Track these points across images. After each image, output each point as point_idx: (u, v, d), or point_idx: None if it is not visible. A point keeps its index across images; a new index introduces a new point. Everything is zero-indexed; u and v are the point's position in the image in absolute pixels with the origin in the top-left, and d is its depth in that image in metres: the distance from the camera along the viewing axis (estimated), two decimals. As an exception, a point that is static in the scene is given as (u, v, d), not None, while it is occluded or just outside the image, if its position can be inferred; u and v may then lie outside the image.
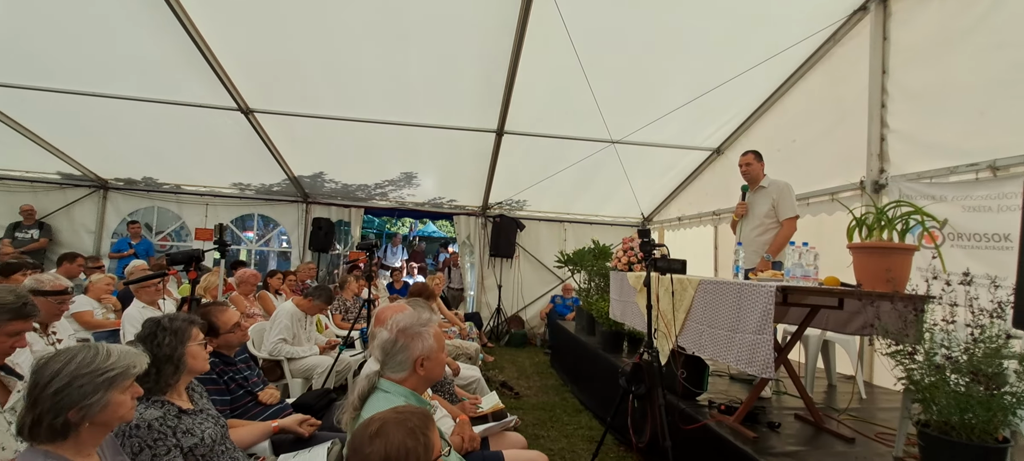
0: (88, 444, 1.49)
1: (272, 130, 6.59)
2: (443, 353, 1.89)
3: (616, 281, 4.62)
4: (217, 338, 2.55)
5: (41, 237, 7.65)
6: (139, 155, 7.51)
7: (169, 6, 4.23)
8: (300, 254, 8.75)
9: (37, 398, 1.40)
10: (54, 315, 2.97)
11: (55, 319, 3.03)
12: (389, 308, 2.39)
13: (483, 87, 5.52)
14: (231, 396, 2.57)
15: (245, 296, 5.16)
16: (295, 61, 5.24)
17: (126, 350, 1.60)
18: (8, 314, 1.89)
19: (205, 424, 2.06)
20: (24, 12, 4.59)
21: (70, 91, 5.65)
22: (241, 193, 8.53)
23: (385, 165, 7.78)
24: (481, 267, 9.13)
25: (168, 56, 4.95)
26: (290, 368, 4.15)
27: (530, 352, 8.16)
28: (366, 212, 9.14)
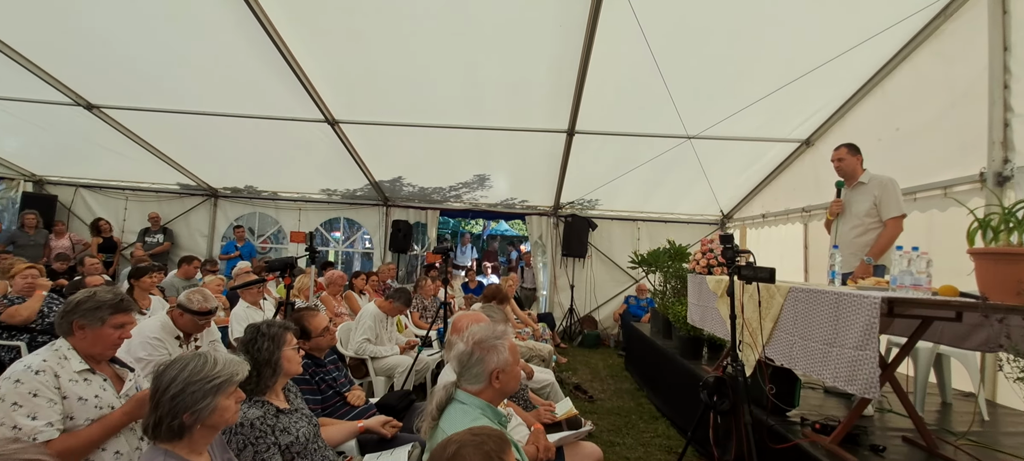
0: (200, 444, 1.63)
1: (355, 139, 6.91)
2: (518, 366, 1.87)
3: (694, 284, 4.41)
4: (309, 341, 2.70)
5: (165, 241, 8.56)
6: (242, 166, 8.18)
7: (264, 29, 4.52)
8: (381, 255, 9.14)
9: (158, 402, 1.55)
10: (198, 329, 3.14)
11: (198, 332, 3.19)
12: (465, 316, 2.41)
13: (553, 88, 5.46)
14: (322, 396, 2.72)
15: (333, 296, 5.45)
16: (375, 74, 5.44)
17: (230, 358, 1.72)
18: (109, 309, 2.08)
19: (300, 423, 2.18)
20: (146, 44, 5.11)
21: (185, 111, 6.26)
22: (329, 198, 9.05)
23: (459, 168, 7.93)
24: (553, 267, 9.08)
25: (266, 76, 5.31)
26: (374, 367, 4.34)
27: (603, 353, 8.01)
28: (441, 213, 9.38)
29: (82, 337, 2.04)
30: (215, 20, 4.53)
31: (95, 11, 4.58)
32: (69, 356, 2.01)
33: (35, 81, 5.58)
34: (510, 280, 6.92)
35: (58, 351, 2.01)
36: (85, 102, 6.09)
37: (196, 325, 3.09)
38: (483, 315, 2.53)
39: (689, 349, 4.77)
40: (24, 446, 1.02)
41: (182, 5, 4.45)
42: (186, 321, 3.03)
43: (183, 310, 3.00)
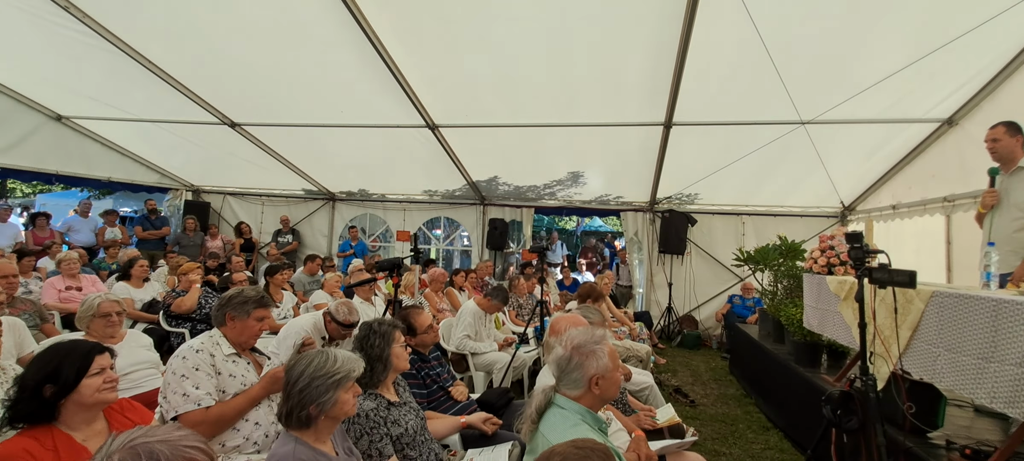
0: (324, 433, 1.77)
1: (454, 141, 7.15)
2: (619, 372, 1.81)
3: (812, 285, 4.00)
4: (415, 338, 2.83)
5: (293, 240, 9.50)
6: (355, 171, 8.82)
7: (373, 45, 4.80)
8: (479, 252, 9.39)
9: (289, 393, 1.70)
10: (341, 337, 3.50)
11: (341, 340, 3.52)
12: (563, 319, 2.39)
13: (648, 80, 5.23)
14: (428, 390, 2.84)
15: (435, 293, 5.70)
16: (470, 78, 5.58)
17: (348, 356, 1.85)
18: (253, 304, 2.43)
19: (409, 416, 2.29)
20: (275, 67, 5.67)
21: (308, 124, 6.88)
22: (430, 199, 9.48)
23: (553, 166, 7.90)
24: (650, 264, 8.75)
25: (375, 89, 5.66)
26: (474, 362, 4.46)
27: (705, 355, 7.57)
28: (536, 211, 9.43)
29: (232, 327, 2.39)
30: (332, 42, 4.89)
31: (235, 42, 5.16)
32: (220, 342, 2.36)
33: (192, 106, 6.43)
34: (606, 278, 6.77)
35: (212, 337, 2.37)
36: (229, 121, 6.92)
37: (340, 333, 3.46)
38: (581, 318, 2.48)
39: (805, 355, 4.34)
40: (186, 434, 1.15)
41: (305, 31, 4.86)
42: (333, 328, 3.40)
43: (332, 318, 3.35)
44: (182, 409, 2.10)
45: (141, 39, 5.26)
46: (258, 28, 4.91)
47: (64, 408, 1.73)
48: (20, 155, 7.14)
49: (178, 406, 2.10)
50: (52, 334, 4.01)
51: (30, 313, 3.98)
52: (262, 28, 4.91)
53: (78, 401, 1.75)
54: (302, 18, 4.64)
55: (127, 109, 6.95)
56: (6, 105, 6.82)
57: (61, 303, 4.92)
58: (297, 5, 4.48)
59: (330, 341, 3.45)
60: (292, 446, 1.64)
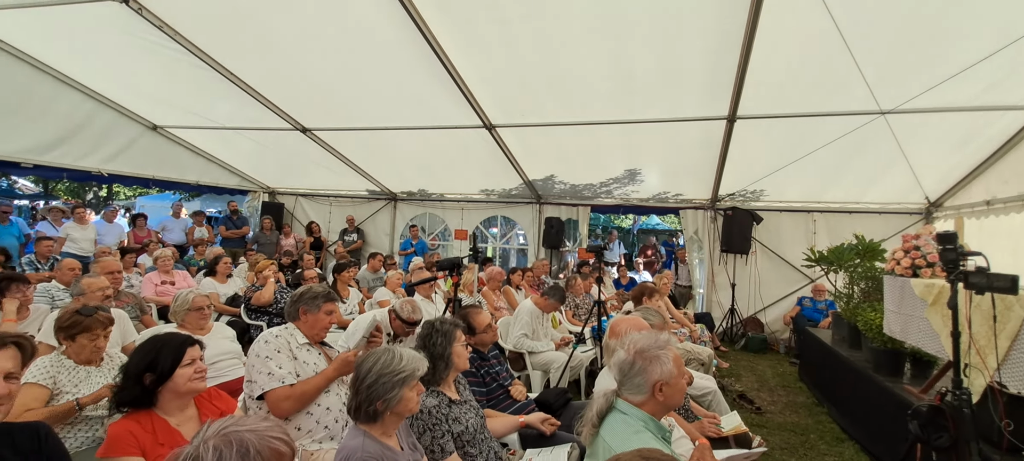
0: (390, 428, 1.82)
1: (510, 141, 7.18)
2: (684, 379, 1.74)
3: (893, 288, 3.69)
4: (474, 336, 2.87)
5: (358, 239, 9.91)
6: (415, 171, 9.06)
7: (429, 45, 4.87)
8: (535, 251, 9.39)
9: (358, 389, 1.77)
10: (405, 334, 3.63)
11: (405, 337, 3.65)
12: (624, 321, 2.34)
13: (711, 73, 5.02)
14: (487, 388, 2.87)
15: (493, 291, 5.75)
16: (527, 77, 5.57)
17: (413, 355, 1.90)
18: (323, 298, 2.59)
19: (469, 414, 2.32)
20: (341, 75, 5.92)
21: (371, 127, 7.13)
22: (487, 198, 9.58)
23: (609, 164, 7.76)
24: (711, 263, 8.41)
25: (434, 91, 5.78)
26: (531, 361, 4.47)
27: (772, 360, 7.18)
28: (592, 210, 9.30)
29: (304, 320, 2.55)
30: (394, 47, 5.04)
31: (306, 52, 5.43)
32: (295, 334, 2.52)
33: (268, 113, 6.84)
34: (664, 277, 6.57)
35: (288, 329, 2.54)
36: (301, 126, 7.30)
37: (404, 330, 3.59)
38: (642, 320, 2.42)
39: (886, 364, 4.02)
40: (271, 425, 1.23)
41: (369, 37, 5.03)
42: (398, 325, 3.54)
43: (397, 316, 3.49)
44: (268, 386, 2.26)
45: (225, 53, 5.65)
46: (326, 37, 5.14)
47: (161, 395, 1.89)
48: (123, 162, 7.86)
49: (264, 384, 2.26)
50: (150, 325, 4.40)
51: (132, 306, 4.38)
52: (330, 37, 5.13)
53: (173, 389, 1.90)
54: (366, 24, 4.81)
55: (213, 118, 7.50)
56: (111, 118, 7.53)
57: (157, 296, 5.38)
58: (362, 12, 4.63)
59: (394, 338, 3.57)
60: (361, 439, 1.71)
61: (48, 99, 6.73)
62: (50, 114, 6.80)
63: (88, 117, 7.24)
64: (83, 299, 3.47)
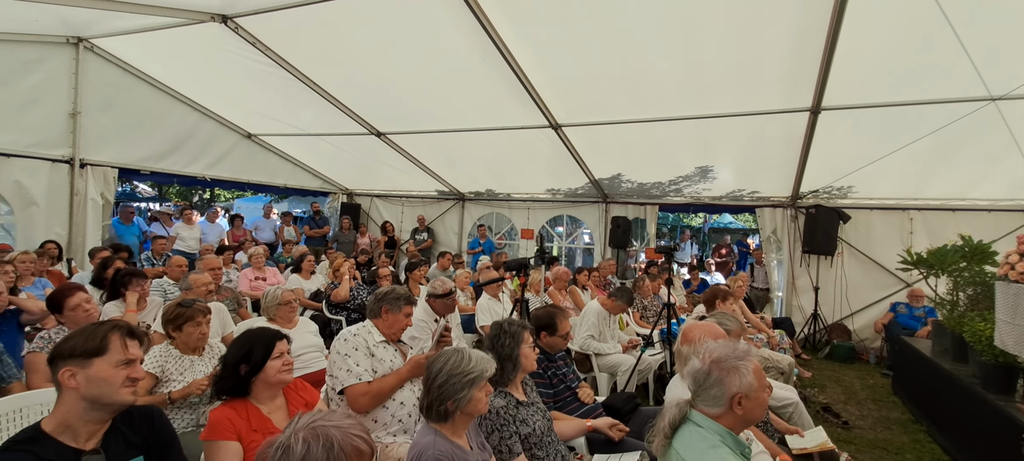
0: (460, 427, 1.86)
1: (576, 140, 7.11)
2: (765, 393, 1.63)
3: (1007, 296, 3.26)
4: (551, 337, 2.87)
5: (428, 238, 10.23)
6: (483, 172, 9.21)
7: (496, 46, 4.91)
8: (601, 251, 9.24)
9: (429, 388, 1.82)
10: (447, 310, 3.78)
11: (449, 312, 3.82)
12: (697, 327, 2.24)
13: (792, 62, 4.69)
14: (554, 390, 2.86)
15: (559, 291, 5.72)
16: (593, 76, 5.49)
17: (482, 356, 1.93)
18: (404, 301, 2.70)
19: (536, 416, 2.32)
20: (413, 81, 6.13)
21: (441, 130, 7.34)
22: (553, 197, 9.54)
23: (679, 161, 7.48)
24: (791, 265, 7.87)
25: (501, 93, 5.85)
26: (597, 363, 4.40)
27: (860, 370, 6.59)
28: (660, 209, 9.01)
29: (385, 319, 2.66)
30: (463, 50, 5.14)
31: (381, 59, 5.68)
32: (372, 331, 2.64)
33: (346, 119, 7.24)
34: (739, 279, 6.23)
35: (366, 327, 2.66)
36: (376, 131, 7.65)
37: (445, 306, 3.70)
38: (717, 327, 2.30)
39: (997, 380, 3.57)
40: (354, 423, 1.30)
41: (439, 42, 5.17)
42: (438, 305, 3.66)
43: (433, 297, 3.64)
44: (347, 382, 2.40)
45: (309, 64, 6.04)
46: (401, 45, 5.35)
47: (254, 385, 2.04)
48: (223, 167, 8.61)
49: (344, 380, 2.41)
50: (246, 317, 4.79)
51: (230, 299, 4.79)
52: (404, 45, 5.33)
53: (264, 380, 2.05)
54: (437, 30, 4.94)
55: (298, 125, 8.04)
56: (213, 128, 8.30)
57: (252, 291, 5.84)
58: (433, 18, 4.76)
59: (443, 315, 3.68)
60: (432, 437, 1.76)
61: (162, 113, 7.55)
62: (163, 126, 7.61)
63: (194, 128, 8.02)
64: (190, 293, 3.84)
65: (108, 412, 1.63)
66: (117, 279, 3.94)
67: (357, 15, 4.83)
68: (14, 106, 6.07)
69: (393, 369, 2.52)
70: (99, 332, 1.64)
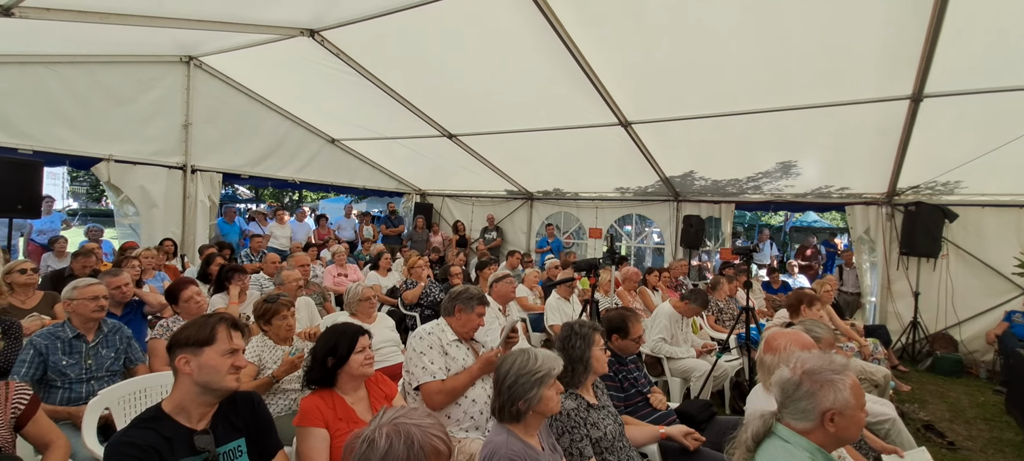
0: (532, 428, 1.86)
1: (646, 137, 6.89)
2: (862, 412, 1.48)
3: None
4: (622, 341, 2.81)
5: (497, 237, 10.36)
6: (551, 171, 9.18)
7: (564, 44, 4.85)
8: (672, 251, 8.90)
9: (500, 390, 1.84)
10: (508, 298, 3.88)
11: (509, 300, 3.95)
12: (782, 335, 2.08)
13: (889, 46, 4.26)
14: (625, 394, 2.78)
15: (628, 292, 5.57)
16: (665, 71, 5.30)
17: (548, 354, 1.92)
18: (477, 301, 2.73)
19: (607, 420, 2.27)
20: (484, 83, 6.22)
21: (510, 130, 7.40)
22: (621, 196, 9.32)
23: (758, 157, 7.04)
24: (886, 268, 7.15)
25: (569, 91, 5.79)
26: (669, 367, 4.23)
27: (968, 385, 5.85)
28: (737, 207, 8.52)
29: (458, 318, 2.71)
30: (532, 50, 5.14)
31: (453, 63, 5.83)
32: (446, 330, 2.70)
33: (420, 122, 7.49)
34: (827, 283, 5.75)
35: (439, 325, 2.73)
36: (447, 133, 7.85)
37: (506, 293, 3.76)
38: (804, 334, 2.14)
39: None
40: (433, 422, 1.34)
41: (508, 43, 5.20)
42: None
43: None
44: (422, 380, 2.48)
45: (385, 70, 6.32)
46: (471, 49, 5.45)
47: (340, 376, 2.16)
48: (310, 171, 9.22)
49: (419, 377, 2.49)
50: (330, 311, 5.09)
51: (317, 294, 5.11)
52: (474, 48, 5.43)
53: (348, 372, 2.16)
54: (506, 31, 4.97)
55: (375, 129, 8.43)
56: (302, 134, 8.91)
57: (335, 286, 6.20)
58: (502, 20, 4.79)
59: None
60: (505, 437, 1.77)
61: (258, 122, 8.23)
62: (259, 134, 8.28)
63: (285, 135, 8.66)
64: (281, 288, 4.14)
65: (216, 396, 1.78)
66: (222, 274, 4.33)
67: (432, 23, 4.97)
68: (138, 120, 6.85)
69: (465, 367, 2.57)
70: (208, 324, 1.80)
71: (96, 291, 2.84)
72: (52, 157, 6.18)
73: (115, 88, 6.60)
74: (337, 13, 5.16)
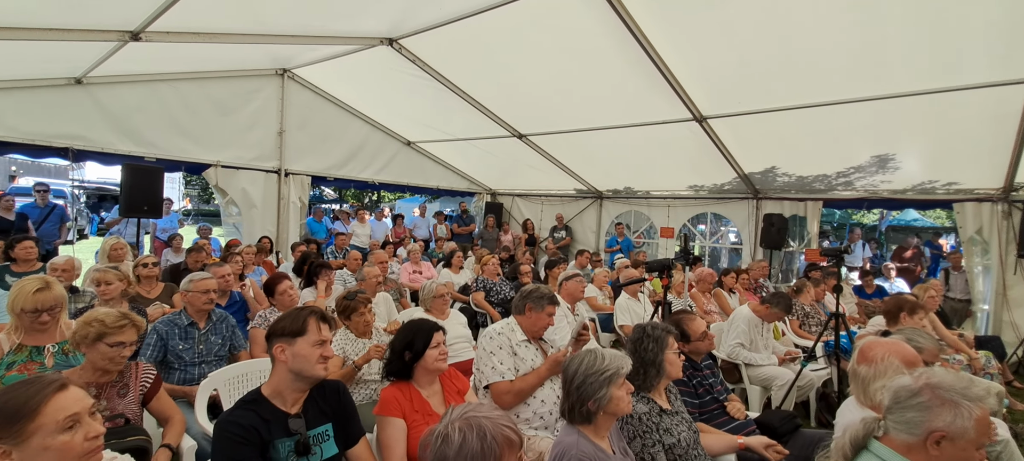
0: (602, 429, 1.82)
1: (723, 132, 6.54)
2: (979, 452, 1.30)
3: None
4: (687, 345, 2.68)
5: (566, 236, 10.30)
6: (621, 169, 8.97)
7: (636, 39, 4.70)
8: (751, 251, 8.37)
9: (568, 390, 1.82)
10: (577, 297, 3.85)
11: (577, 299, 3.92)
12: (880, 345, 1.89)
13: (1007, 24, 3.73)
14: (699, 401, 2.65)
15: (703, 293, 5.32)
16: (745, 62, 4.99)
17: (614, 353, 1.88)
18: (548, 301, 2.70)
19: (681, 426, 2.18)
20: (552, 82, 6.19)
21: (579, 129, 7.32)
22: (696, 194, 8.91)
23: (850, 150, 6.44)
24: (1002, 272, 6.29)
25: (639, 85, 5.62)
26: (748, 374, 3.98)
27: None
28: (824, 204, 7.85)
29: (528, 317, 2.71)
30: (600, 47, 5.05)
31: (524, 64, 5.86)
32: (515, 330, 2.70)
33: (491, 123, 7.61)
34: (930, 288, 5.15)
35: (509, 325, 2.73)
36: (518, 133, 7.91)
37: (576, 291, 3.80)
38: (905, 345, 1.92)
39: None
40: (503, 415, 1.36)
41: (576, 41, 5.14)
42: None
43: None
44: (492, 380, 2.50)
45: (460, 75, 6.50)
46: (542, 49, 5.44)
47: (416, 370, 2.24)
48: (388, 172, 9.66)
49: (488, 376, 2.52)
50: (406, 307, 5.30)
51: (393, 290, 5.34)
52: (545, 48, 5.42)
53: (424, 366, 2.23)
54: (576, 29, 4.91)
55: (448, 131, 8.67)
56: (380, 138, 9.36)
57: (410, 283, 6.46)
58: (572, 18, 4.73)
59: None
60: (576, 438, 1.75)
61: (342, 127, 8.76)
62: (343, 139, 8.81)
63: (365, 139, 9.14)
64: (363, 284, 4.37)
65: (307, 384, 1.91)
66: (310, 269, 4.64)
67: (503, 25, 5.02)
68: (240, 129, 7.55)
69: (534, 368, 2.57)
70: (301, 316, 1.94)
71: (208, 285, 3.15)
72: (171, 164, 6.98)
73: (222, 100, 7.33)
74: (414, 21, 5.36)
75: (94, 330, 2.14)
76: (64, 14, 4.13)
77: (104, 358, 2.15)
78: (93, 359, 2.16)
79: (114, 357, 2.17)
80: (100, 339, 2.14)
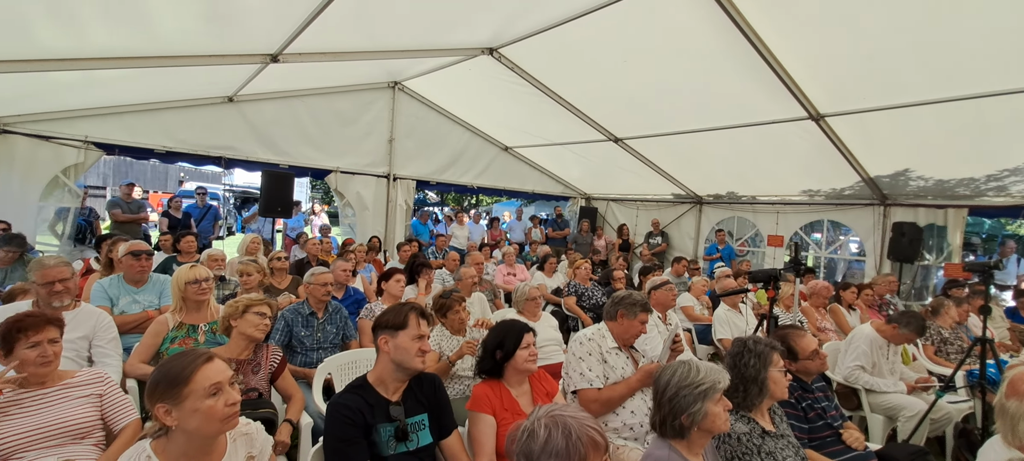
0: (697, 446, 1.72)
1: (843, 132, 5.86)
2: None
3: None
4: (795, 363, 2.44)
5: (662, 242, 9.88)
6: (724, 173, 8.40)
7: (742, 33, 4.37)
8: (876, 264, 7.38)
9: (660, 402, 1.74)
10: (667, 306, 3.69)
11: (668, 307, 3.79)
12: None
13: None
14: (809, 425, 2.40)
15: (816, 308, 4.80)
16: (870, 53, 4.42)
17: (711, 367, 1.76)
18: (640, 308, 2.63)
19: (786, 451, 2.00)
20: (653, 84, 5.98)
21: (678, 132, 7.00)
22: (810, 199, 8.07)
23: (1004, 150, 5.44)
24: None
25: (746, 85, 5.23)
26: (869, 401, 3.51)
27: None
28: (970, 212, 6.69)
29: (619, 323, 2.65)
30: (703, 45, 4.78)
31: (621, 67, 5.72)
32: (606, 336, 2.65)
33: (587, 128, 7.55)
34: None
35: (600, 330, 2.69)
36: (613, 137, 7.75)
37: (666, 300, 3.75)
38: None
39: None
40: (588, 416, 1.35)
41: (678, 40, 4.90)
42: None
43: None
44: (580, 385, 2.48)
45: (556, 81, 6.55)
46: (642, 50, 5.28)
47: (507, 369, 2.29)
48: (485, 177, 9.98)
49: (577, 382, 2.50)
50: (500, 307, 5.42)
51: (488, 291, 5.49)
52: (645, 49, 5.25)
53: (514, 366, 2.27)
54: (679, 28, 4.69)
55: (544, 136, 8.75)
56: (479, 144, 9.70)
57: (504, 284, 6.59)
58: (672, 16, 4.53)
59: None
60: (667, 452, 1.67)
61: (445, 134, 9.24)
62: (445, 145, 9.29)
63: (465, 145, 9.54)
64: (459, 283, 4.55)
65: (406, 374, 2.04)
66: (413, 268, 4.94)
67: (601, 27, 4.94)
68: (357, 137, 8.31)
69: (624, 377, 2.49)
70: (403, 311, 2.07)
71: (326, 279, 3.49)
72: (300, 170, 7.86)
73: (343, 112, 8.13)
74: (513, 30, 5.49)
75: (242, 303, 2.57)
76: (218, 41, 4.84)
77: (251, 325, 2.53)
78: (242, 328, 2.53)
79: (258, 324, 2.54)
80: (247, 310, 2.54)
